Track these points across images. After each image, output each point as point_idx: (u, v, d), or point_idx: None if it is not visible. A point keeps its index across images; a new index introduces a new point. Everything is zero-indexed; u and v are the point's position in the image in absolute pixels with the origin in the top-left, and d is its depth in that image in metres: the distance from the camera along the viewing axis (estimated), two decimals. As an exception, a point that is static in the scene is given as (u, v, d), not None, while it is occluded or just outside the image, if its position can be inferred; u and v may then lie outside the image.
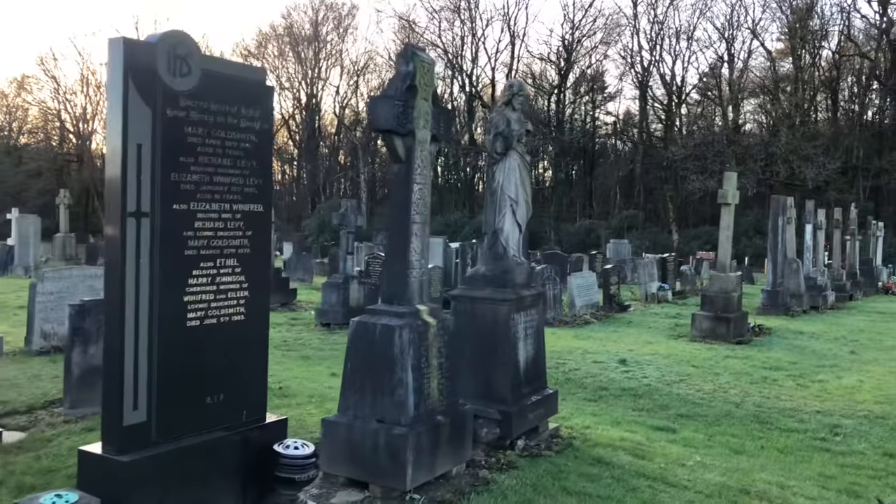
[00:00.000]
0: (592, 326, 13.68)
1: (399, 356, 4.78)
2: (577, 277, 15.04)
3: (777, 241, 15.64)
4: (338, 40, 61.16)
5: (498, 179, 6.07)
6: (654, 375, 9.36)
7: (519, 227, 6.17)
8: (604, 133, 58.88)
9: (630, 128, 57.82)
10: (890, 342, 12.74)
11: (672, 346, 11.38)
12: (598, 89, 56.65)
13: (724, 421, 7.53)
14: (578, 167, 60.39)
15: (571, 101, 57.46)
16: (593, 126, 57.68)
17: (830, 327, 14.39)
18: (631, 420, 7.40)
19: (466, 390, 5.93)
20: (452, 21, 55.56)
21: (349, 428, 4.86)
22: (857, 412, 7.95)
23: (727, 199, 12.10)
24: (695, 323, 12.24)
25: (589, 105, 57.36)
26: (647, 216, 53.19)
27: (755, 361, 10.41)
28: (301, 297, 16.13)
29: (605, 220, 52.65)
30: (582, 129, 57.56)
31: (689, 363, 10.14)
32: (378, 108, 4.81)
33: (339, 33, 61.05)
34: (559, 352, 10.68)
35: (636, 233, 49.01)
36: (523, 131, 6.12)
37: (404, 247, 4.98)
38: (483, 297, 6.00)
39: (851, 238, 24.11)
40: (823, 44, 48.44)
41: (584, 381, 9.05)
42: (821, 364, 10.43)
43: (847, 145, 45.06)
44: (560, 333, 12.52)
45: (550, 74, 56.54)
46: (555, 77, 55.23)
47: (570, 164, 60.05)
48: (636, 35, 52.35)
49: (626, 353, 10.73)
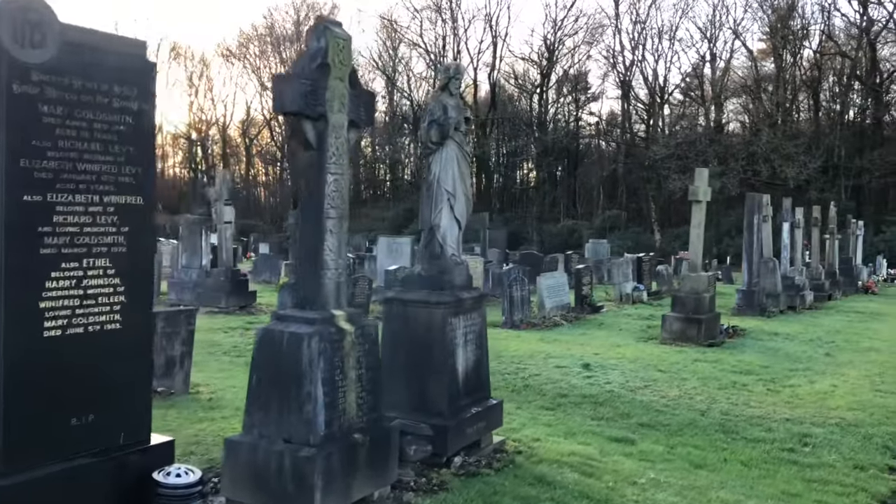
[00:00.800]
0: (561, 329, 13.19)
1: (308, 368, 4.25)
2: (547, 278, 14.54)
3: (752, 240, 15.21)
4: (319, 39, 60.47)
5: (434, 171, 5.54)
6: (617, 381, 8.87)
7: (458, 223, 5.65)
8: (587, 133, 58.52)
9: (613, 128, 57.51)
10: (866, 343, 12.32)
11: (640, 350, 10.91)
12: (581, 89, 56.31)
13: (687, 430, 7.05)
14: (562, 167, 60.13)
15: (554, 101, 57.09)
16: (577, 126, 57.34)
17: (807, 328, 13.97)
18: (588, 430, 6.90)
19: (400, 402, 5.42)
20: (435, 21, 55.12)
21: (253, 449, 4.32)
22: (828, 420, 7.49)
23: (698, 196, 11.64)
24: (665, 325, 11.77)
25: (572, 105, 56.99)
26: (630, 216, 52.90)
27: (725, 365, 9.94)
28: (263, 300, 15.55)
29: (588, 220, 52.34)
30: (565, 129, 57.23)
31: (656, 367, 9.66)
32: (283, 88, 4.28)
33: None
34: (521, 356, 10.18)
35: (619, 233, 48.78)
36: (461, 119, 5.60)
37: (317, 245, 4.44)
38: (417, 300, 5.47)
39: (831, 237, 23.79)
40: (805, 43, 48.32)
41: (544, 387, 8.54)
42: (794, 368, 9.98)
43: (828, 144, 44.92)
44: (526, 336, 12.02)
45: (533, 74, 56.18)
46: (537, 77, 54.83)
47: (553, 165, 59.70)
48: (618, 34, 52.10)
49: (592, 356, 10.24)
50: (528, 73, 56.88)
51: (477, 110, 56.18)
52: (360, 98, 4.63)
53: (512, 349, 10.68)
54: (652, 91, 53.02)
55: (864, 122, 47.73)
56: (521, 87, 57.80)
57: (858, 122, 48.67)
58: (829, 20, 47.51)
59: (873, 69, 45.49)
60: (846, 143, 46.59)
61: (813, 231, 21.48)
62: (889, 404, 8.08)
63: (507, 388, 8.43)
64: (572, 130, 56.75)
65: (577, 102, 56.68)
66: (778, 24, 47.80)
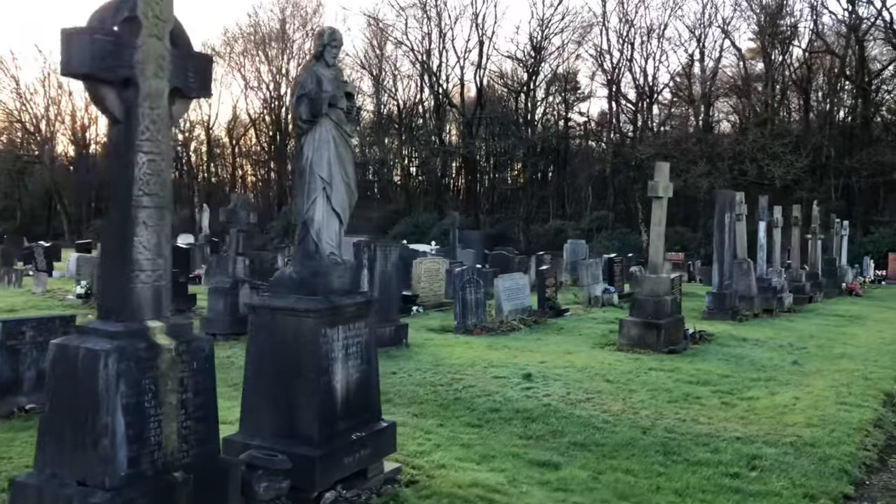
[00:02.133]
0: (517, 334, 12.38)
1: (105, 393, 3.43)
2: (506, 280, 13.72)
3: (724, 239, 14.42)
4: (305, 38, 59.62)
5: (306, 155, 4.73)
6: (558, 393, 8.06)
7: (337, 216, 4.84)
8: (577, 133, 57.79)
9: (602, 127, 56.77)
10: (839, 350, 11.54)
11: (593, 357, 10.10)
12: (570, 89, 55.57)
13: (623, 451, 6.26)
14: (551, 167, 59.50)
15: (542, 101, 56.37)
16: (566, 126, 56.62)
17: (779, 333, 13.19)
18: (509, 452, 6.10)
19: (265, 428, 4.62)
20: (421, 20, 54.26)
21: (38, 492, 3.50)
22: (783, 438, 6.71)
23: (658, 192, 10.84)
24: (623, 330, 10.96)
25: (561, 105, 56.26)
26: (618, 217, 52.21)
27: (682, 374, 9.14)
28: (204, 303, 14.67)
29: (577, 221, 51.67)
30: (553, 128, 56.54)
31: (605, 377, 8.86)
32: (72, 45, 3.44)
33: (307, 31, 59.51)
34: (462, 365, 9.36)
35: (606, 234, 48.17)
36: (340, 94, 4.79)
37: (124, 240, 3.62)
38: (284, 308, 4.66)
39: (813, 237, 23.05)
40: (794, 42, 47.66)
41: (476, 401, 7.74)
42: (756, 377, 9.18)
43: (815, 143, 44.17)
44: (475, 343, 11.20)
45: (520, 73, 55.45)
46: (524, 76, 54.07)
47: (540, 165, 59.02)
48: (605, 32, 51.34)
49: (538, 365, 9.43)
50: (516, 72, 56.12)
51: (464, 110, 55.47)
52: (187, 61, 3.81)
53: (455, 357, 9.87)
54: (640, 90, 52.29)
55: (854, 121, 47.09)
56: (508, 86, 57.02)
57: (848, 122, 48.07)
58: (818, 18, 46.87)
59: (861, 67, 44.81)
60: (835, 143, 45.95)
61: (793, 231, 20.71)
62: (852, 420, 7.29)
63: (434, 403, 7.64)
64: (561, 130, 56.05)
65: (566, 102, 55.94)
66: (767, 22, 47.14)
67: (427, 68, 55.34)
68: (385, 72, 58.19)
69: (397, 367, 9.17)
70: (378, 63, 57.90)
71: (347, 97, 4.85)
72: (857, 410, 7.68)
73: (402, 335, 10.51)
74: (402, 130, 59.47)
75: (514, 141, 53.12)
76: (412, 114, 59.48)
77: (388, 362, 9.42)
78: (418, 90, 57.82)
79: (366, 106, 60.91)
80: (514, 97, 55.75)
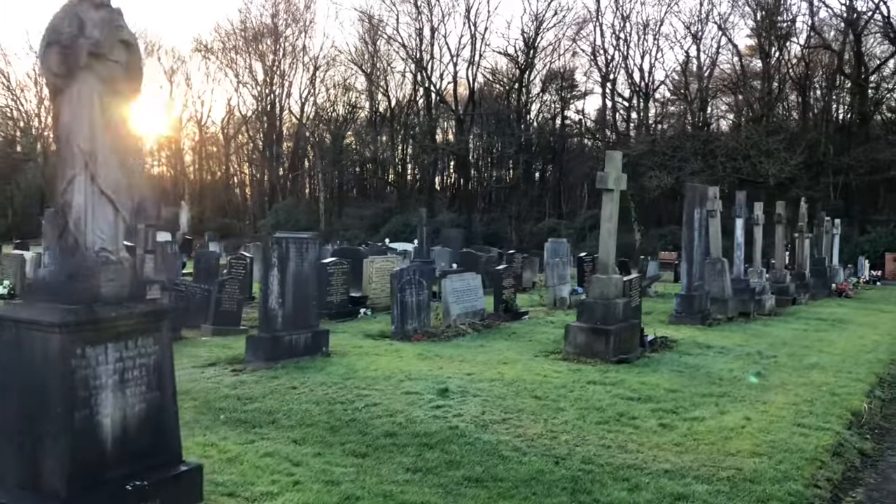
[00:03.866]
0: (461, 340, 11.28)
1: None
2: (455, 280, 12.61)
3: (693, 237, 13.29)
4: (297, 34, 58.56)
5: (63, 121, 3.63)
6: (472, 413, 6.97)
7: (110, 200, 3.74)
8: (571, 131, 56.70)
9: (597, 125, 55.68)
10: (813, 359, 10.42)
11: (529, 368, 8.99)
12: (567, 87, 54.49)
13: (522, 489, 5.18)
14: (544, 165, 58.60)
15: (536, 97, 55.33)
16: (562, 125, 55.57)
17: (750, 339, 12.09)
18: (382, 492, 5.03)
19: (9, 477, 3.52)
20: (415, 16, 53.14)
21: None
22: (720, 470, 5.61)
23: (608, 184, 9.73)
24: (569, 337, 9.85)
25: (556, 102, 55.24)
26: (611, 216, 50.95)
27: (623, 389, 8.04)
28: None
29: (571, 220, 50.69)
30: (548, 126, 55.54)
31: (533, 392, 7.76)
32: None
33: (298, 27, 58.43)
34: (375, 378, 8.27)
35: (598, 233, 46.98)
36: (113, 42, 3.69)
37: None
38: (28, 320, 3.57)
39: (800, 235, 21.94)
40: (792, 39, 46.48)
41: (373, 422, 6.65)
42: (708, 392, 8.07)
43: (811, 140, 43.00)
44: (407, 351, 10.10)
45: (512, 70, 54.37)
46: (516, 72, 52.97)
47: (534, 163, 58.03)
48: (598, 28, 50.20)
49: (463, 378, 8.33)
50: (509, 68, 55.06)
51: (457, 107, 54.40)
52: None
53: (373, 368, 8.77)
54: (636, 88, 51.19)
55: (851, 118, 45.94)
56: (501, 82, 55.95)
57: (845, 119, 46.93)
58: (815, 14, 45.72)
59: (859, 64, 43.66)
60: (833, 140, 44.82)
61: (777, 229, 19.57)
62: (807, 446, 6.19)
63: (324, 425, 6.54)
64: (556, 128, 55.02)
65: (563, 100, 54.90)
66: (765, 18, 45.96)
67: (419, 65, 54.30)
68: (377, 69, 57.10)
69: (302, 380, 8.08)
70: (370, 60, 56.81)
71: (125, 47, 3.76)
72: (815, 434, 6.57)
73: (321, 343, 9.43)
74: (394, 128, 58.47)
75: (507, 138, 52.10)
76: (405, 111, 58.48)
77: (294, 374, 8.35)
78: (411, 87, 56.81)
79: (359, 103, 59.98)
80: (506, 94, 54.66)
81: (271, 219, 55.15)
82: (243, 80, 59.20)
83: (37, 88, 56.01)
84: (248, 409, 6.99)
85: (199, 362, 9.04)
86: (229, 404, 7.16)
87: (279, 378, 8.18)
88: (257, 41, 57.92)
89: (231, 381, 8.02)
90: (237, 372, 8.49)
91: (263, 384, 7.91)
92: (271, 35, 57.48)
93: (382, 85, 57.56)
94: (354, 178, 66.76)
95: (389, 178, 61.47)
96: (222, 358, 9.24)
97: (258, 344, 8.74)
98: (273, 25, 57.66)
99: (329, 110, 58.78)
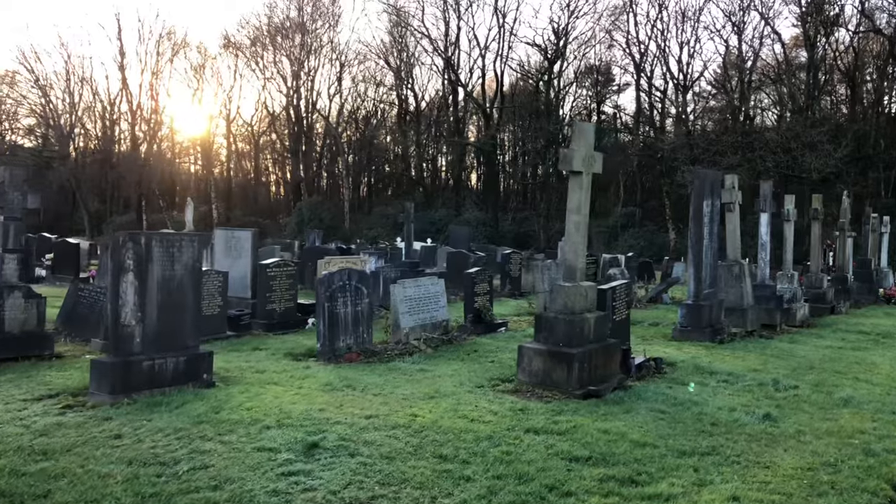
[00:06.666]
0: (403, 361, 9.15)
1: None
2: (408, 287, 10.46)
3: (702, 234, 10.95)
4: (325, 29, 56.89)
5: None
6: (330, 487, 4.83)
7: None
8: (606, 126, 54.14)
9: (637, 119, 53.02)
10: (847, 390, 8.06)
11: (458, 407, 6.80)
12: (603, 81, 52.07)
13: None
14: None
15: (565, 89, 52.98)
16: (598, 120, 53.11)
17: (768, 361, 9.73)
18: None
19: None
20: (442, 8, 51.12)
21: None
22: None
23: (572, 165, 7.49)
24: (522, 362, 7.64)
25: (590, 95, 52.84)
26: (647, 214, 48.59)
27: (572, 443, 5.83)
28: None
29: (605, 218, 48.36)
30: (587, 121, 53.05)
31: (441, 450, 5.59)
32: None
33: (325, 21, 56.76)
34: (235, 422, 6.16)
35: (633, 231, 44.90)
36: None
37: None
38: None
39: (841, 234, 19.32)
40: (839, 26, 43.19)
41: (177, 502, 4.58)
42: (691, 448, 5.82)
43: (858, 131, 39.81)
44: (318, 377, 7.99)
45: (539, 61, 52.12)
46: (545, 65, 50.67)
47: (563, 160, 55.48)
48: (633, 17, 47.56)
49: (356, 422, 6.19)
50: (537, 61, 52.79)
51: (485, 101, 52.30)
52: None
53: (246, 406, 6.67)
54: (675, 80, 48.39)
55: (904, 108, 42.61)
56: (530, 75, 53.61)
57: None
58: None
59: (911, 48, 40.33)
60: (883, 133, 41.57)
61: (813, 226, 17.00)
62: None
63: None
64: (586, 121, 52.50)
65: (598, 93, 52.43)
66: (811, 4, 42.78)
67: (446, 59, 52.30)
68: (405, 63, 55.25)
69: (138, 425, 6.03)
70: (398, 55, 54.97)
71: None
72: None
73: (200, 369, 7.39)
74: (420, 124, 56.62)
75: (537, 133, 49.81)
76: (432, 107, 56.60)
77: (136, 415, 6.31)
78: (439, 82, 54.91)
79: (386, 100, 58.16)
80: (535, 86, 52.31)
81: (295, 217, 53.64)
82: (270, 76, 57.75)
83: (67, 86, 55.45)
84: (29, 472, 4.99)
85: (36, 393, 7.06)
86: (9, 463, 5.17)
87: (113, 419, 6.16)
88: (283, 36, 56.35)
89: (44, 425, 6.02)
90: (68, 409, 6.50)
91: (84, 430, 5.90)
92: (298, 30, 55.87)
93: (409, 81, 55.67)
94: (381, 175, 65.11)
95: (416, 175, 59.52)
96: (69, 387, 7.25)
97: (104, 371, 6.75)
98: (300, 20, 56.07)
99: (356, 107, 57.18)
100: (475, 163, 59.01)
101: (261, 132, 63.04)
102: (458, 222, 44.15)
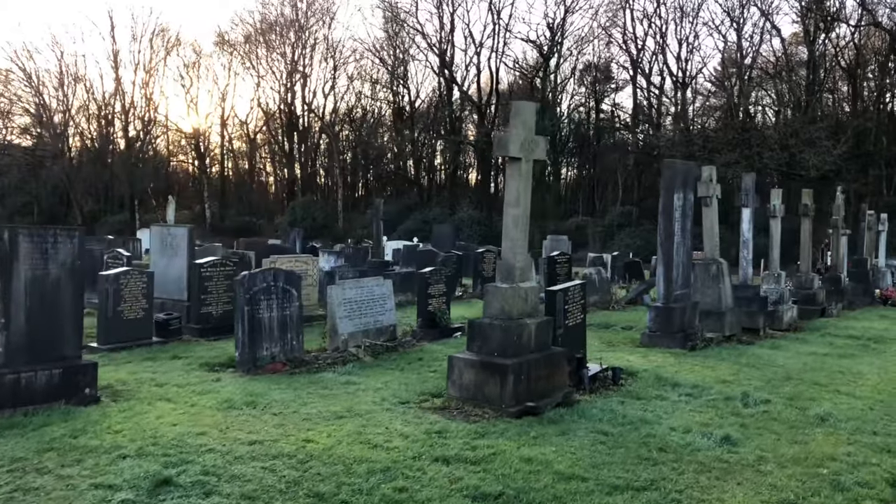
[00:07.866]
0: (332, 371, 8.20)
1: None
2: (348, 288, 9.51)
3: (672, 230, 9.99)
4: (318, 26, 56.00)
5: None
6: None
7: None
8: (604, 125, 53.18)
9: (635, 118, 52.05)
10: (825, 405, 7.09)
11: (365, 429, 5.84)
12: (601, 79, 51.13)
13: None
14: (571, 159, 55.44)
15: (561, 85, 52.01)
16: (597, 118, 52.22)
17: (741, 371, 8.76)
18: None
19: None
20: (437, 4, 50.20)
21: None
22: None
23: (509, 150, 6.53)
24: (452, 374, 6.69)
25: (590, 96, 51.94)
26: (644, 213, 47.68)
27: (486, 476, 4.88)
28: None
29: (603, 217, 47.53)
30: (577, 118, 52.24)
31: (319, 487, 4.64)
32: None
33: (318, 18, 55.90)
34: (88, 450, 5.22)
35: (629, 230, 44.08)
36: None
37: None
38: None
39: (835, 231, 18.34)
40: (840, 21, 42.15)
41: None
42: (626, 482, 4.87)
43: (858, 127, 38.79)
44: (222, 392, 7.04)
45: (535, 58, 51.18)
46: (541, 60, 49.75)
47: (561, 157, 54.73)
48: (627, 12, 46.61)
49: (234, 450, 5.26)
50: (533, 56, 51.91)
51: (480, 98, 51.41)
52: None
53: (115, 428, 5.72)
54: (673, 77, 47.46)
55: (904, 104, 41.54)
56: (525, 71, 52.69)
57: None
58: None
59: (913, 43, 39.28)
60: (884, 129, 40.56)
61: (803, 223, 16.01)
62: None
63: None
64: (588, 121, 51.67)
65: (594, 91, 51.49)
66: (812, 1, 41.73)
67: (441, 55, 51.39)
68: (399, 60, 54.35)
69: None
70: (392, 52, 54.07)
71: None
72: None
73: (81, 382, 6.46)
74: (415, 122, 55.70)
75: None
76: (427, 105, 55.74)
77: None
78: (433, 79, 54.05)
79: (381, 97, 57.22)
80: (531, 83, 51.37)
81: (288, 216, 52.79)
82: (263, 74, 56.90)
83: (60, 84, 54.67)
84: None
85: None
86: None
87: (-53, 447, 5.24)
88: (277, 34, 55.50)
89: None
90: None
91: None
92: (291, 27, 55.00)
93: (405, 78, 54.78)
94: (376, 174, 64.20)
95: (411, 174, 58.59)
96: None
97: (-45, 388, 5.81)
98: (293, 17, 55.21)
99: (350, 105, 56.35)
100: (473, 161, 58.13)
101: (256, 131, 62.19)
102: (452, 221, 43.26)
